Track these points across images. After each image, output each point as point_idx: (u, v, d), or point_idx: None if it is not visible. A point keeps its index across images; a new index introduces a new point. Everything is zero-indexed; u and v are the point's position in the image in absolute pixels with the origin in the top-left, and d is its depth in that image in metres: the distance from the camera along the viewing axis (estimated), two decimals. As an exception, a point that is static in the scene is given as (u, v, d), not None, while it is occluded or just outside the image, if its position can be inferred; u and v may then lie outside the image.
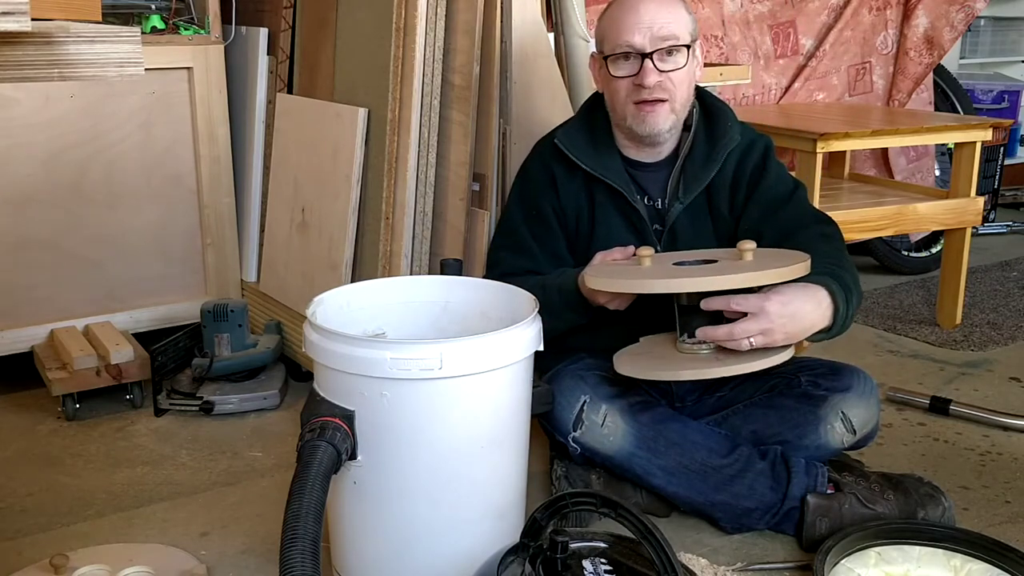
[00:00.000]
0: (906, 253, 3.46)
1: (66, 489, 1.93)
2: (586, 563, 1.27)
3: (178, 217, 2.61)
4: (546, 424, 1.76)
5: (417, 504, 1.44)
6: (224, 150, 2.64)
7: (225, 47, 2.60)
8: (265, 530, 1.75)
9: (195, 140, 2.59)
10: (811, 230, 1.77)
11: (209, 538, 1.74)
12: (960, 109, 3.75)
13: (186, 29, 2.53)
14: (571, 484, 1.77)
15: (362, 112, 2.21)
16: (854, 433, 1.75)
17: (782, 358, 1.60)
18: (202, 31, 2.54)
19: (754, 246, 1.63)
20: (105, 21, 1.31)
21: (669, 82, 1.73)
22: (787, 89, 3.34)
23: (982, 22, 4.82)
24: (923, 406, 2.28)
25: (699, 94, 1.86)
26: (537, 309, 1.53)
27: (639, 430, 1.71)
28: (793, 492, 1.68)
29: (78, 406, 2.27)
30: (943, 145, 3.66)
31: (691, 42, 1.74)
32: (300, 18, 2.56)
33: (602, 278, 1.63)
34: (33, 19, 1.08)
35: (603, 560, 1.28)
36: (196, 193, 2.62)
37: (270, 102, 2.63)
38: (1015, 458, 2.05)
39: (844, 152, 3.21)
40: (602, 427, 1.71)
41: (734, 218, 1.83)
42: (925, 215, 2.74)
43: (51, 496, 1.90)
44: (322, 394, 1.46)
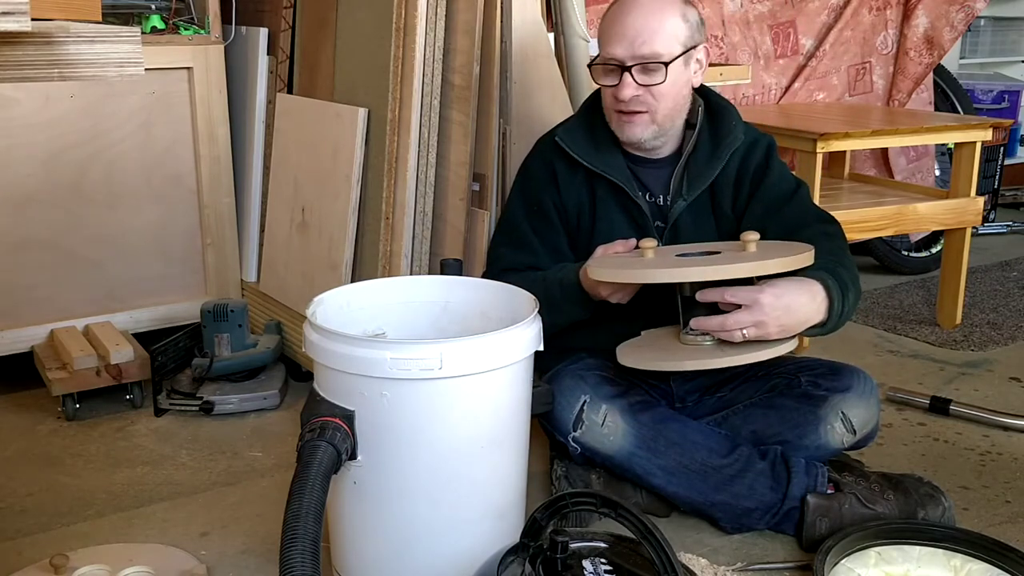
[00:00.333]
0: (906, 253, 3.46)
1: (66, 489, 1.93)
2: (586, 563, 1.27)
3: (178, 217, 2.61)
4: (546, 424, 1.76)
5: (417, 504, 1.44)
6: (224, 150, 2.64)
7: (225, 47, 2.60)
8: (265, 530, 1.75)
9: (195, 140, 2.59)
10: (814, 228, 1.77)
11: (209, 538, 1.74)
12: (960, 109, 3.75)
13: (186, 29, 2.53)
14: (571, 484, 1.77)
15: (362, 112, 2.21)
16: (854, 433, 1.75)
17: (787, 348, 1.62)
18: (202, 31, 2.54)
19: (757, 237, 1.64)
20: (105, 21, 1.31)
21: (649, 95, 1.73)
22: (787, 89, 3.34)
23: (982, 22, 4.81)
24: (923, 406, 2.28)
25: (704, 93, 1.86)
26: (537, 309, 1.53)
27: (639, 430, 1.71)
28: (793, 492, 1.68)
29: (78, 406, 2.27)
30: (943, 145, 3.66)
31: (685, 51, 1.73)
32: (300, 18, 2.56)
33: (605, 269, 1.63)
34: (33, 19, 1.08)
35: (603, 560, 1.28)
36: (196, 193, 2.62)
37: (270, 102, 2.63)
38: (1015, 458, 2.05)
39: (844, 152, 3.21)
40: (602, 427, 1.71)
41: (736, 216, 1.83)
42: (925, 215, 2.74)
43: (51, 496, 1.90)
44: (322, 394, 1.46)
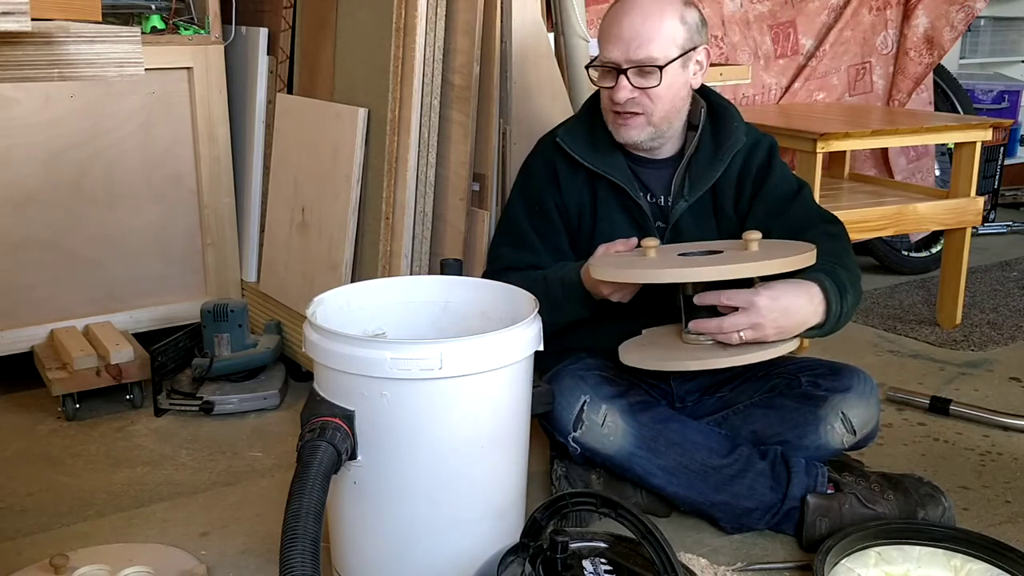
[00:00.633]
0: (906, 253, 3.46)
1: (66, 489, 1.93)
2: (586, 563, 1.27)
3: (178, 217, 2.61)
4: (546, 424, 1.76)
5: (417, 504, 1.44)
6: (224, 150, 2.64)
7: (225, 47, 2.60)
8: (265, 530, 1.75)
9: (195, 140, 2.59)
10: (818, 229, 1.77)
11: (209, 538, 1.74)
12: (960, 109, 3.75)
13: (186, 29, 2.53)
14: (571, 484, 1.77)
15: (362, 112, 2.21)
16: (854, 433, 1.75)
17: (788, 348, 1.63)
18: (202, 31, 2.54)
19: (759, 236, 1.64)
20: (105, 21, 1.31)
21: (646, 98, 1.73)
22: (787, 89, 3.34)
23: (982, 22, 4.82)
24: (923, 406, 2.28)
25: (706, 94, 1.86)
26: (537, 309, 1.53)
27: (639, 430, 1.71)
28: (793, 492, 1.68)
29: (78, 406, 2.27)
30: (943, 145, 3.66)
31: (683, 54, 1.72)
32: (300, 18, 2.56)
33: (608, 268, 1.63)
34: (33, 19, 1.08)
35: (603, 560, 1.28)
36: (196, 193, 2.62)
37: (270, 102, 2.63)
38: (1015, 458, 2.05)
39: (844, 152, 3.21)
40: (602, 427, 1.71)
41: (739, 217, 1.83)
42: (925, 215, 2.74)
43: (51, 496, 1.90)
44: (322, 394, 1.46)
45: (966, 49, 4.84)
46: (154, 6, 2.51)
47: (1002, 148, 4.06)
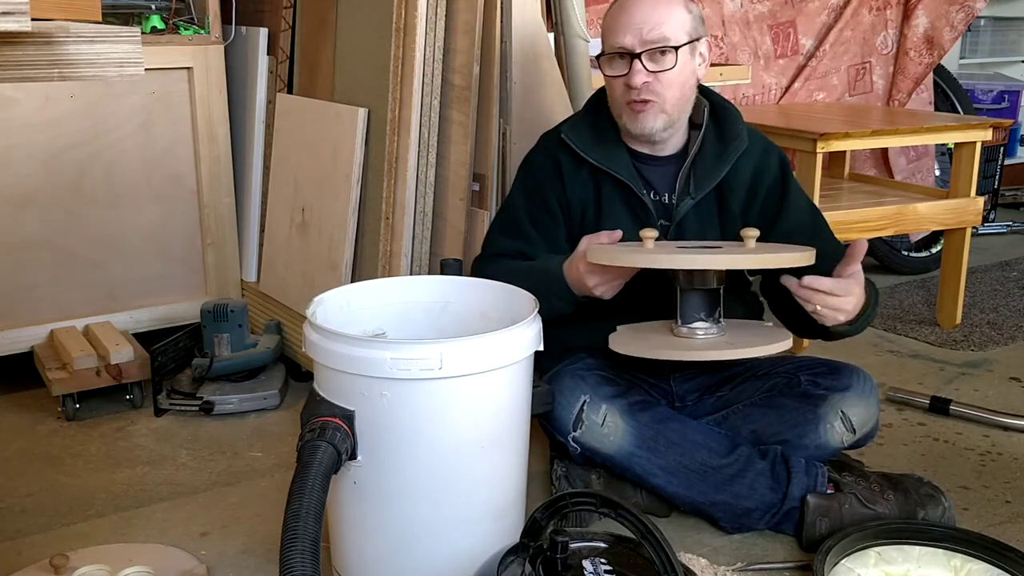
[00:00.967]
0: (906, 253, 3.46)
1: (66, 489, 1.93)
2: (586, 563, 1.27)
3: (178, 217, 2.61)
4: (546, 424, 1.76)
5: (417, 504, 1.44)
6: (224, 150, 2.64)
7: (225, 47, 2.60)
8: (265, 530, 1.75)
9: (195, 140, 2.59)
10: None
11: (209, 538, 1.74)
12: (960, 109, 3.75)
13: (186, 29, 2.53)
14: (571, 484, 1.77)
15: (362, 112, 2.21)
16: (854, 432, 1.75)
17: (782, 347, 1.63)
18: (202, 31, 2.54)
19: (757, 233, 1.65)
20: (105, 21, 1.31)
21: (658, 83, 1.72)
22: (787, 89, 3.34)
23: (982, 22, 4.82)
24: (923, 406, 2.28)
25: (707, 94, 1.86)
26: (537, 309, 1.53)
27: (639, 430, 1.71)
28: (793, 492, 1.68)
29: (78, 406, 2.27)
30: (943, 145, 3.66)
31: (690, 41, 1.73)
32: (300, 18, 2.56)
33: (606, 252, 1.62)
34: (33, 19, 1.08)
35: (603, 560, 1.28)
36: (196, 193, 2.62)
37: (270, 102, 2.63)
38: (1015, 458, 2.05)
39: (844, 152, 3.21)
40: (602, 427, 1.71)
41: (744, 221, 1.82)
42: (925, 215, 2.74)
43: (51, 496, 1.90)
44: (322, 394, 1.46)
45: (966, 49, 4.84)
46: (154, 6, 2.51)
47: (1002, 148, 4.07)
